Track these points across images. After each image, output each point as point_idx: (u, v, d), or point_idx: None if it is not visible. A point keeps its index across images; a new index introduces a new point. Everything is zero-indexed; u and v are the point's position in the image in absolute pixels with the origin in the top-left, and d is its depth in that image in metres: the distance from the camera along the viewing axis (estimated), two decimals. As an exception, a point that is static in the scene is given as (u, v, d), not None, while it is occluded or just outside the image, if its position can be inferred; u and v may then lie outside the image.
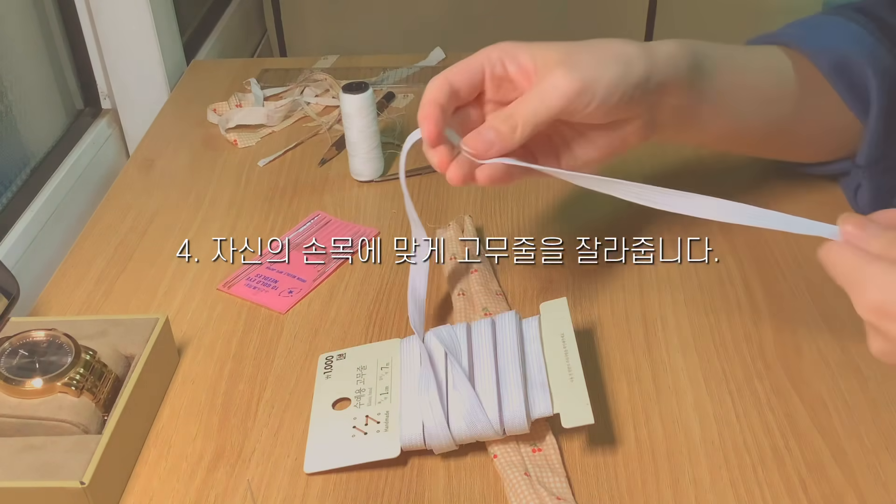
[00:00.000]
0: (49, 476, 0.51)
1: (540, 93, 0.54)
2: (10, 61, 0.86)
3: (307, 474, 0.55)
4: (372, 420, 0.56)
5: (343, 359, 0.62)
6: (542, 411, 0.53)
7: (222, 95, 0.99)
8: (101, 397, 0.56)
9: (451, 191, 0.82)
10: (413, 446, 0.54)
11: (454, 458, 0.55)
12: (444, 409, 0.54)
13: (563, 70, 0.54)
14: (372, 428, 0.55)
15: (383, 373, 0.59)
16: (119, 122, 1.02)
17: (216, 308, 0.69)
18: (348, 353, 0.62)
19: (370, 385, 0.59)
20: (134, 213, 0.81)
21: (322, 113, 0.96)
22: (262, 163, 0.88)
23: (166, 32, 1.03)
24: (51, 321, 0.62)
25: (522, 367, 0.55)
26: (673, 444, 0.55)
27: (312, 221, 0.78)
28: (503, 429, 0.53)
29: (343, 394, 0.59)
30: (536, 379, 0.55)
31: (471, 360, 0.57)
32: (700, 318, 0.64)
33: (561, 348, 0.56)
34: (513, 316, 0.59)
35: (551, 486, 0.52)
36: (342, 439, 0.56)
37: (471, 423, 0.53)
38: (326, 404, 0.58)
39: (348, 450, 0.55)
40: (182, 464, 0.56)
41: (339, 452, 0.55)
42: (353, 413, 0.57)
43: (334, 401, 0.59)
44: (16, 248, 0.79)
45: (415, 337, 0.59)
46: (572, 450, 0.55)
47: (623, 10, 1.33)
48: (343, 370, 0.61)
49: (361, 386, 0.59)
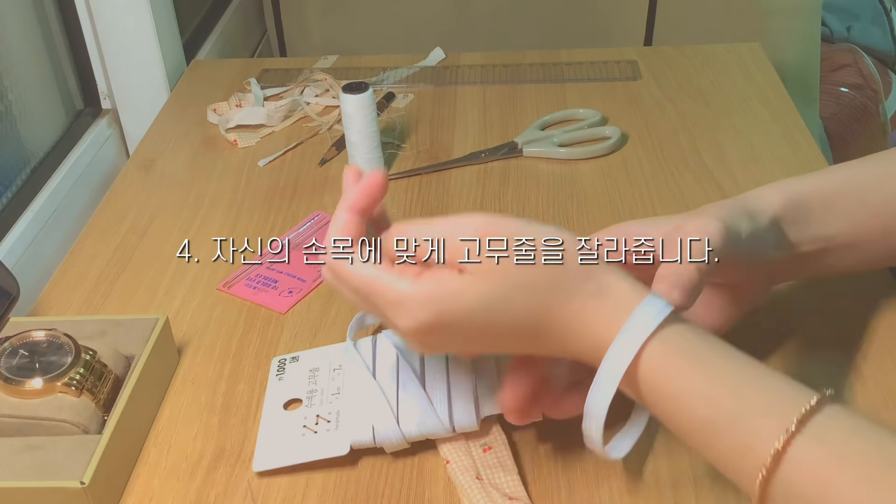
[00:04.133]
0: (49, 476, 0.51)
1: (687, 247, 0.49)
2: (10, 61, 0.86)
3: (256, 473, 0.55)
4: (322, 419, 0.56)
5: (296, 361, 0.62)
6: (492, 409, 0.54)
7: (222, 95, 0.99)
8: (101, 397, 0.56)
9: (452, 191, 0.82)
10: (363, 444, 0.54)
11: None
12: (392, 408, 0.54)
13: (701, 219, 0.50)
14: (322, 427, 0.56)
15: (336, 374, 0.59)
16: (119, 122, 1.02)
17: (216, 308, 0.69)
18: (301, 356, 0.62)
19: (322, 386, 0.59)
20: (134, 213, 0.81)
21: (322, 113, 0.96)
22: (262, 163, 0.88)
23: (166, 32, 1.02)
24: (51, 321, 0.62)
25: (473, 365, 0.56)
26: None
27: (312, 221, 0.78)
28: (453, 427, 0.54)
29: (295, 395, 0.59)
30: (487, 377, 0.56)
31: (422, 359, 0.57)
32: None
33: None
34: None
35: (503, 486, 0.52)
36: (292, 438, 0.56)
37: (420, 422, 0.54)
38: (278, 405, 0.59)
39: (298, 448, 0.55)
40: (182, 464, 0.56)
41: (289, 451, 0.55)
42: (304, 413, 0.57)
43: (286, 402, 0.59)
44: (16, 248, 0.79)
45: (367, 339, 0.60)
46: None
47: (623, 10, 1.33)
48: (296, 372, 0.61)
49: (314, 387, 0.59)
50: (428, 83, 1.02)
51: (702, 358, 0.44)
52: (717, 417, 0.42)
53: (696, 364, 0.43)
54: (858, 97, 1.54)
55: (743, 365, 0.44)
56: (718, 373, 0.43)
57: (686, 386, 0.43)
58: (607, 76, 1.00)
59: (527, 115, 0.94)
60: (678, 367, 0.43)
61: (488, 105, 0.96)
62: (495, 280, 0.45)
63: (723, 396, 0.42)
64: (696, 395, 0.42)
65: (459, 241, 0.45)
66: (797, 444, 0.39)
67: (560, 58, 1.05)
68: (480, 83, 1.01)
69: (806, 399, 0.40)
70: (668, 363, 0.43)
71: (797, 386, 0.42)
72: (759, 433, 0.40)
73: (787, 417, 0.40)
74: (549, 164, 0.85)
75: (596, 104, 0.94)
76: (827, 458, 0.39)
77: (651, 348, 0.43)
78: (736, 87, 0.96)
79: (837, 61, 1.58)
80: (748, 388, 0.42)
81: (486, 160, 0.86)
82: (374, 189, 0.49)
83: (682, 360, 0.44)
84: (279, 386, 0.60)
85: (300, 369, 0.61)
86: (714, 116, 0.91)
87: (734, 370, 0.43)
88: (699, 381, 0.43)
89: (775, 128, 0.88)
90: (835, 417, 0.40)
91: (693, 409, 0.42)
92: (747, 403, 0.42)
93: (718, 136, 0.87)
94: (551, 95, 0.97)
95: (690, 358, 0.44)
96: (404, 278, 0.46)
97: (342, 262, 0.48)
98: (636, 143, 0.87)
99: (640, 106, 0.94)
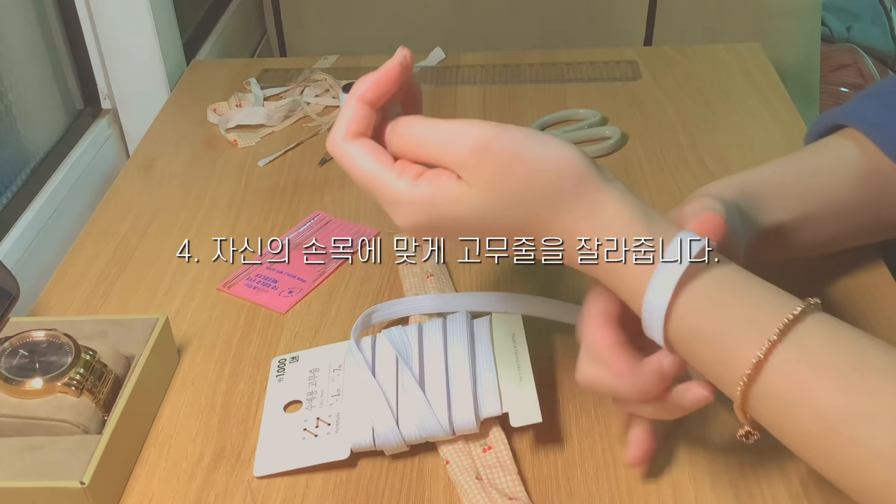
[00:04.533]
0: (49, 476, 0.51)
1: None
2: (10, 61, 0.86)
3: (257, 477, 0.55)
4: (323, 422, 0.56)
5: (296, 361, 0.62)
6: (491, 411, 0.54)
7: (222, 95, 0.99)
8: (101, 397, 0.56)
9: (451, 191, 0.82)
10: (363, 447, 0.54)
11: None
12: (392, 411, 0.54)
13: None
14: (322, 430, 0.56)
15: (335, 375, 0.59)
16: (119, 122, 1.02)
17: (216, 308, 0.69)
18: (301, 356, 0.62)
19: (322, 387, 0.59)
20: (134, 213, 0.81)
21: (322, 113, 0.96)
22: (262, 163, 0.88)
23: (166, 32, 1.02)
24: (51, 321, 0.62)
25: (472, 367, 0.56)
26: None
27: (312, 221, 0.78)
28: (452, 429, 0.54)
29: (295, 396, 0.59)
30: (486, 379, 0.56)
31: (421, 361, 0.57)
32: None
33: (511, 348, 0.57)
34: (463, 316, 0.59)
35: (503, 486, 0.52)
36: (293, 442, 0.56)
37: (420, 425, 0.54)
38: (278, 407, 0.59)
39: (299, 452, 0.55)
40: (182, 464, 0.56)
41: (290, 455, 0.55)
42: (304, 416, 0.57)
43: (286, 404, 0.59)
44: (16, 248, 0.79)
45: (367, 339, 0.59)
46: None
47: (623, 10, 1.33)
48: (295, 373, 0.61)
49: (313, 388, 0.59)
50: (428, 83, 1.02)
51: (697, 275, 0.44)
52: (702, 327, 0.43)
53: (690, 281, 0.44)
54: (858, 97, 1.54)
55: (734, 273, 0.45)
56: (708, 284, 0.44)
57: (678, 299, 0.44)
58: (607, 76, 1.00)
59: (527, 115, 0.94)
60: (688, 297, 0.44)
61: (488, 105, 0.96)
62: (490, 193, 0.45)
63: (706, 308, 0.44)
64: (684, 305, 0.44)
65: (459, 149, 0.45)
66: (778, 352, 0.41)
67: (560, 58, 1.05)
68: (480, 83, 1.01)
69: (790, 308, 0.42)
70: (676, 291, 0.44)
71: (785, 295, 0.43)
72: (742, 343, 0.42)
73: (770, 327, 0.41)
74: (549, 164, 0.85)
75: (596, 104, 0.94)
76: (806, 366, 0.41)
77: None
78: (736, 87, 0.96)
79: (837, 61, 1.58)
80: (736, 298, 0.44)
81: (486, 160, 0.86)
82: (386, 80, 0.48)
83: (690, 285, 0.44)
84: (279, 387, 0.60)
85: (300, 370, 0.61)
86: (714, 116, 0.91)
87: (724, 280, 0.44)
88: (687, 294, 0.44)
89: (775, 128, 0.88)
90: (816, 326, 0.42)
91: (681, 319, 0.44)
92: (733, 313, 0.43)
93: (718, 136, 0.87)
94: (551, 95, 0.97)
95: (688, 277, 0.44)
96: (403, 178, 0.46)
97: (345, 153, 0.48)
98: (636, 143, 0.87)
99: (640, 106, 0.94)
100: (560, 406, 0.58)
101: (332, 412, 0.57)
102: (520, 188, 0.45)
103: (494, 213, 0.45)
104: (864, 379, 0.40)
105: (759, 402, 0.43)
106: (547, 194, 0.45)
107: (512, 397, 0.54)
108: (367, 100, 0.48)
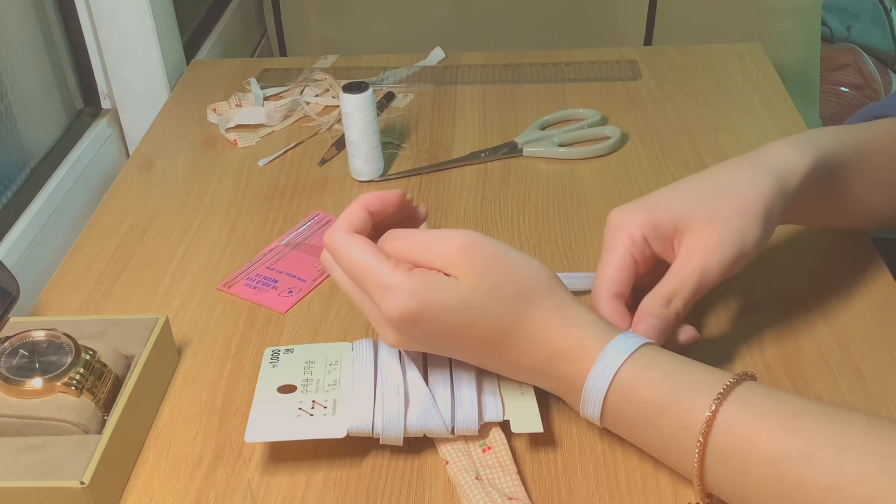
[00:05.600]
0: (49, 476, 0.51)
1: (697, 271, 0.56)
2: (10, 61, 0.86)
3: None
4: (319, 405, 0.56)
5: (290, 353, 0.61)
6: (493, 416, 0.54)
7: (222, 95, 0.99)
8: (101, 397, 0.56)
9: (452, 190, 0.82)
10: (361, 432, 0.54)
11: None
12: (395, 400, 0.54)
13: (715, 241, 0.56)
14: (318, 412, 0.55)
15: (332, 368, 0.58)
16: (119, 122, 1.02)
17: (216, 308, 0.69)
18: (296, 349, 0.61)
19: (318, 377, 0.58)
20: (134, 213, 0.81)
21: (322, 113, 0.96)
22: (262, 163, 0.88)
23: (166, 32, 1.03)
24: (51, 321, 0.62)
25: (477, 374, 0.56)
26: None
27: (312, 221, 0.78)
28: (453, 428, 0.54)
29: (289, 381, 0.58)
30: (488, 385, 0.56)
31: (426, 361, 0.57)
32: (700, 318, 0.64)
33: None
34: None
35: (503, 486, 0.52)
36: (287, 416, 0.55)
37: (422, 417, 0.54)
38: (272, 388, 0.57)
39: (293, 425, 0.54)
40: (182, 464, 0.56)
41: (284, 427, 0.54)
42: (300, 398, 0.56)
43: (279, 386, 0.57)
44: (16, 248, 0.79)
45: (368, 340, 0.59)
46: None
47: (623, 10, 1.33)
48: (290, 362, 0.59)
49: (308, 377, 0.58)
50: (428, 83, 1.02)
51: (647, 360, 0.50)
52: (658, 398, 0.49)
53: (641, 365, 0.50)
54: (858, 97, 1.54)
55: (679, 361, 0.51)
56: (659, 364, 0.50)
57: (632, 377, 0.50)
58: (607, 76, 1.00)
59: (527, 114, 0.94)
60: (635, 372, 0.50)
61: (488, 105, 0.96)
62: (475, 285, 0.51)
63: (660, 380, 0.49)
64: (637, 382, 0.50)
65: (448, 249, 0.52)
66: (724, 409, 0.47)
67: (560, 58, 1.05)
68: (480, 83, 1.01)
69: (729, 376, 0.48)
70: (637, 375, 0.50)
71: (722, 371, 0.50)
72: (694, 406, 0.48)
73: (714, 389, 0.47)
74: (549, 163, 0.85)
75: (596, 104, 0.94)
76: (751, 417, 0.46)
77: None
78: (736, 87, 0.96)
79: (837, 61, 1.58)
80: (681, 374, 0.50)
81: (486, 160, 0.86)
82: (389, 199, 0.55)
83: (637, 367, 0.50)
84: (273, 372, 0.59)
85: (295, 360, 0.60)
86: (714, 116, 0.91)
87: (671, 363, 0.50)
88: (642, 372, 0.50)
89: (775, 128, 0.88)
90: (753, 387, 0.48)
91: (637, 395, 0.50)
92: (682, 383, 0.49)
93: (718, 136, 0.87)
94: (551, 95, 0.97)
95: (641, 363, 0.50)
96: (398, 269, 0.51)
97: (345, 243, 0.53)
98: (636, 143, 0.87)
99: (640, 106, 0.94)
100: (560, 406, 0.58)
101: (328, 398, 0.56)
102: (500, 282, 0.51)
103: (477, 302, 0.51)
104: (803, 423, 0.45)
105: (715, 464, 0.47)
106: (524, 290, 0.52)
107: (514, 407, 0.55)
108: (369, 208, 0.54)
